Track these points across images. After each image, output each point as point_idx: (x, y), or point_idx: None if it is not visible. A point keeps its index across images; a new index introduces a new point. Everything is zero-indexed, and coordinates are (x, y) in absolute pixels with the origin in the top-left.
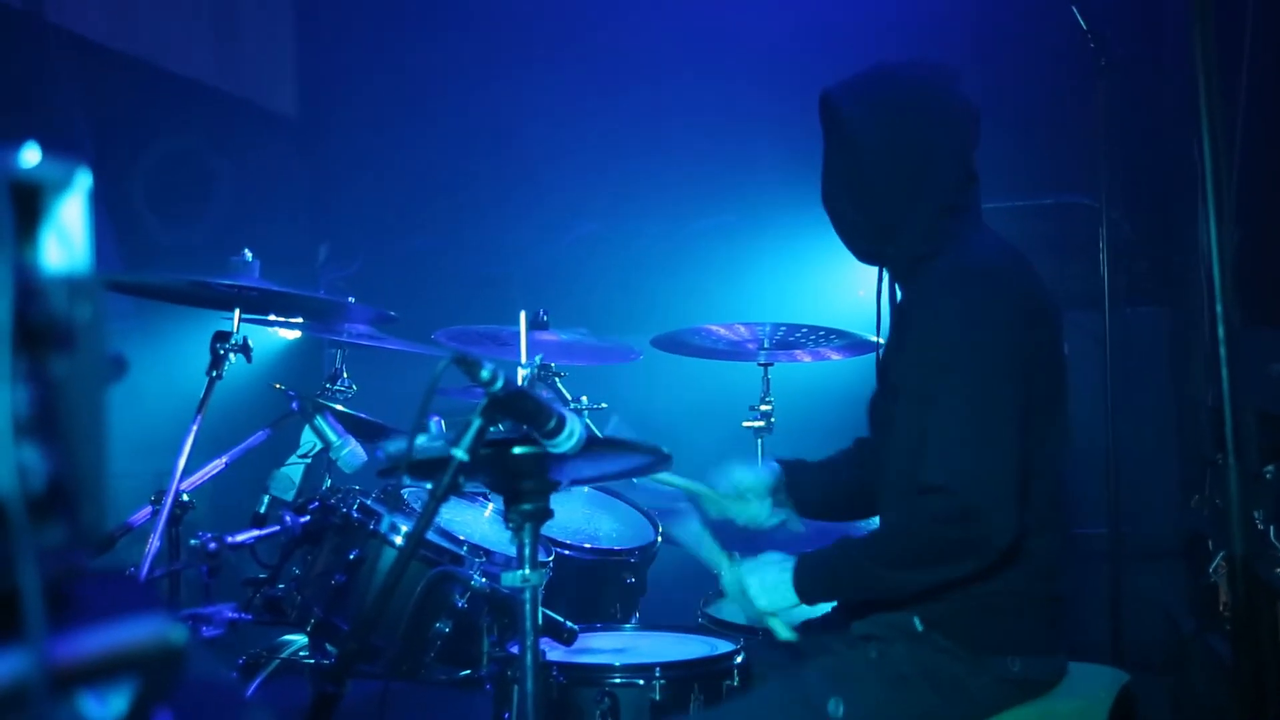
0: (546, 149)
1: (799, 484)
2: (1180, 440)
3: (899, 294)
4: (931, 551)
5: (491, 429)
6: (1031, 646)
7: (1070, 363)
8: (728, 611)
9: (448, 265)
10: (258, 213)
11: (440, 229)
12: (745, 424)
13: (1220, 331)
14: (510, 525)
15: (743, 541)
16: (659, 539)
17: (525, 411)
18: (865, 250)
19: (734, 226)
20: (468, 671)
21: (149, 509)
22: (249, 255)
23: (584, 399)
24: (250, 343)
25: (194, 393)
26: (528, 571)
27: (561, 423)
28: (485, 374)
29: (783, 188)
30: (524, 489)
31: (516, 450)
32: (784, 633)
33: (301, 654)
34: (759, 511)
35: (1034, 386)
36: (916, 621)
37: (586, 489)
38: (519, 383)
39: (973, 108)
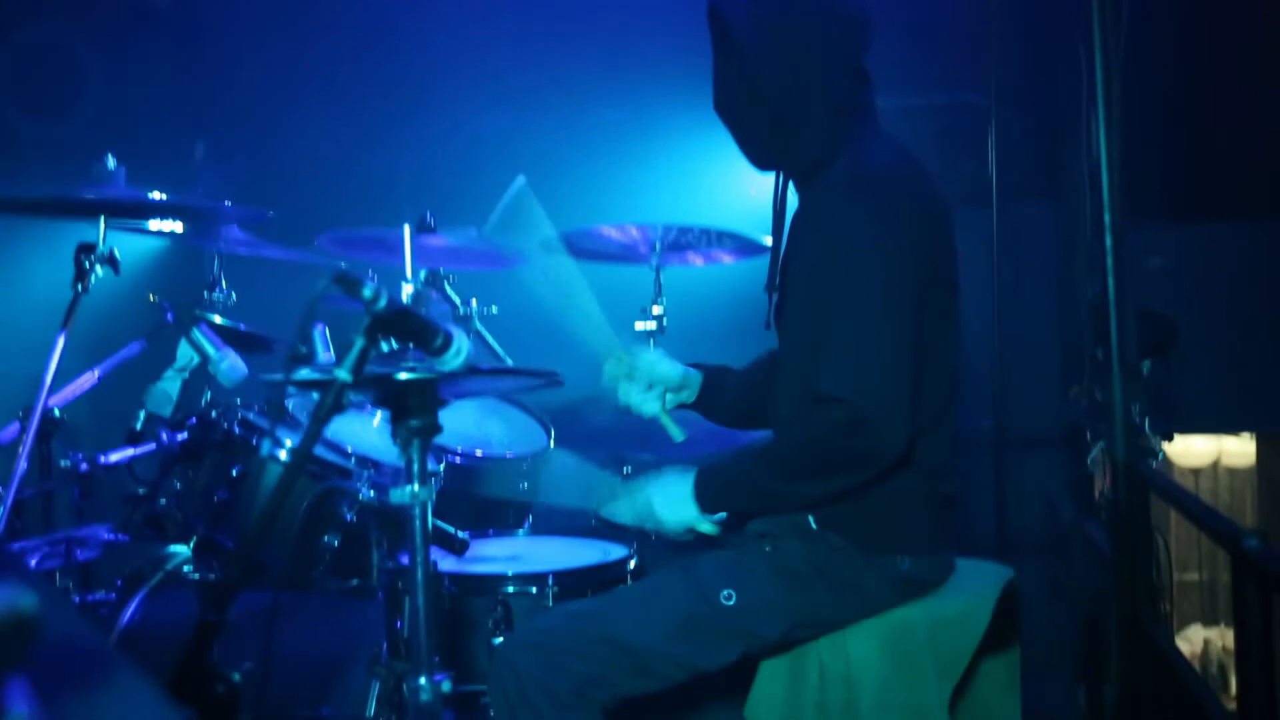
0: (433, 40)
1: (717, 392)
2: (1061, 333)
3: (795, 200)
4: (825, 463)
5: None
6: (921, 546)
7: (961, 259)
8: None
9: (333, 163)
10: (130, 108)
11: (324, 125)
12: (638, 325)
13: (1108, 241)
14: (397, 442)
15: None
16: (550, 443)
17: (410, 330)
18: (761, 158)
19: (627, 123)
20: (358, 581)
21: (16, 425)
22: (112, 161)
23: (473, 302)
24: (117, 254)
25: (63, 303)
26: (416, 488)
27: (448, 340)
28: (368, 292)
29: (676, 84)
30: (410, 405)
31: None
32: (708, 526)
33: (185, 569)
34: (642, 400)
35: (930, 291)
36: (811, 520)
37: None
38: (403, 298)
39: (863, 8)
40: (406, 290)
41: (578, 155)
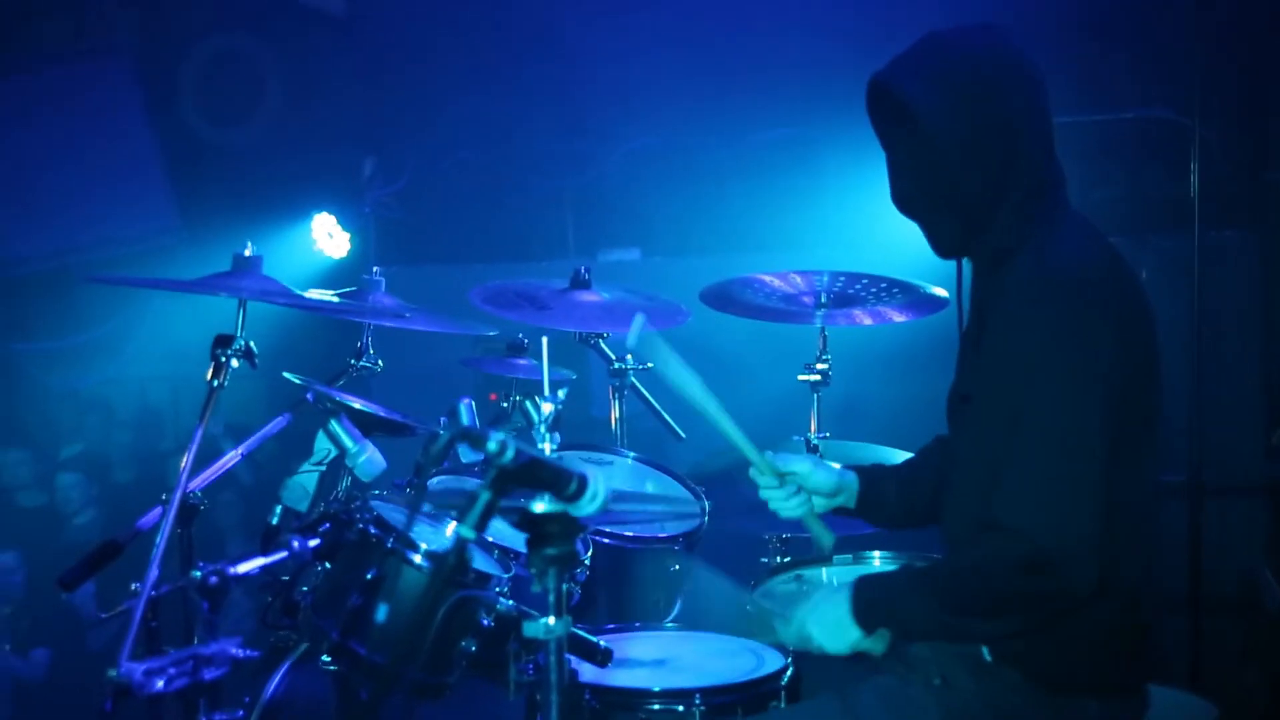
0: (601, 54)
1: (874, 493)
2: (1265, 371)
3: (978, 286)
4: (1000, 601)
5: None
6: (1111, 684)
7: (1150, 291)
8: (779, 600)
9: (497, 178)
10: (305, 116)
11: (490, 140)
12: (801, 378)
13: None
14: (533, 571)
15: None
16: (705, 520)
17: (541, 480)
18: (950, 248)
19: (795, 139)
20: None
21: (159, 510)
22: (250, 248)
23: (629, 359)
24: (254, 346)
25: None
26: (551, 622)
27: (583, 485)
28: (493, 446)
29: (850, 98)
30: (549, 532)
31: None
32: (880, 646)
33: (323, 659)
34: (789, 502)
35: (1127, 405)
36: (985, 652)
37: (630, 459)
38: (542, 420)
39: (1040, 68)
40: (546, 408)
41: (744, 172)
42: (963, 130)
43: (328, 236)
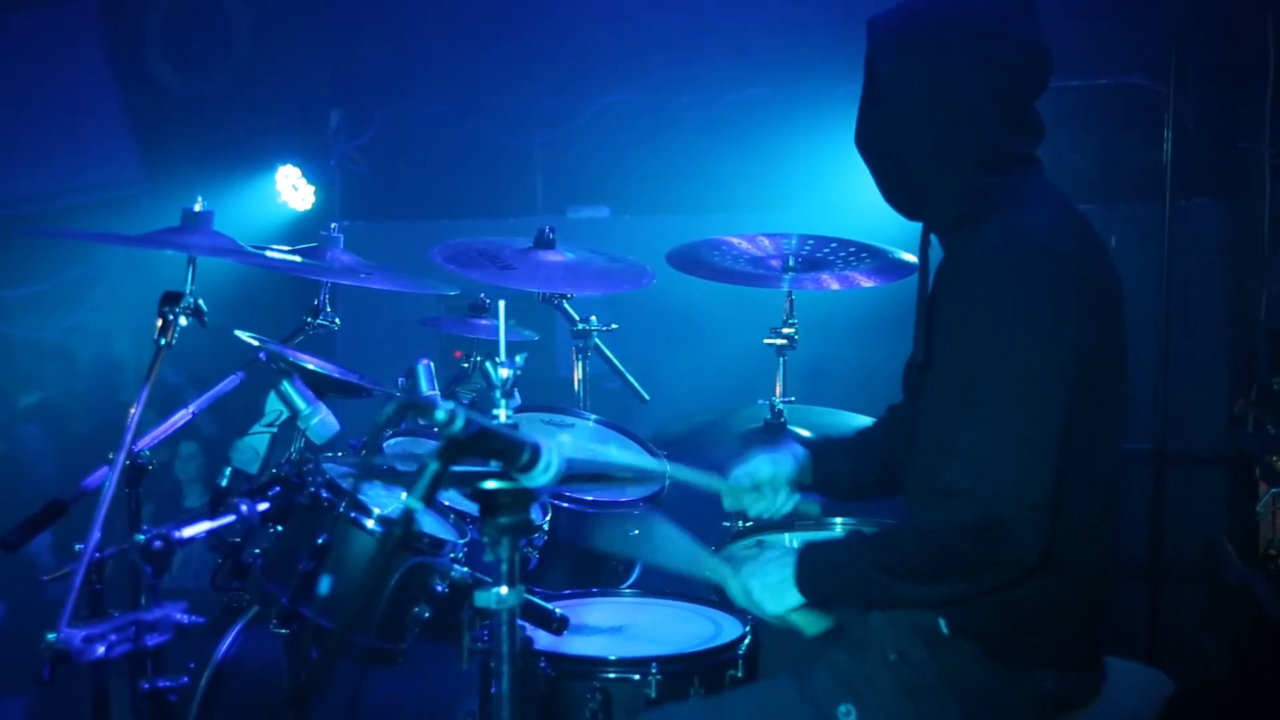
0: (575, 10)
1: (828, 467)
2: (1232, 341)
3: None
4: (945, 566)
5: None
6: (1067, 660)
7: (1119, 259)
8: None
9: (465, 134)
10: (271, 67)
11: (459, 92)
12: (767, 341)
13: None
14: (485, 540)
15: None
16: (667, 483)
17: (492, 450)
18: (904, 205)
19: (769, 100)
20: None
21: (105, 470)
22: (200, 203)
23: (593, 319)
24: (203, 305)
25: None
26: (504, 592)
27: (535, 455)
28: (441, 415)
29: (826, 60)
30: (500, 501)
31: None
32: (812, 627)
33: (272, 623)
34: (775, 503)
35: (1089, 380)
36: (942, 624)
37: (592, 422)
38: (497, 375)
39: (1034, 44)
40: (504, 373)
41: (717, 131)
42: (911, 87)
43: (292, 189)
